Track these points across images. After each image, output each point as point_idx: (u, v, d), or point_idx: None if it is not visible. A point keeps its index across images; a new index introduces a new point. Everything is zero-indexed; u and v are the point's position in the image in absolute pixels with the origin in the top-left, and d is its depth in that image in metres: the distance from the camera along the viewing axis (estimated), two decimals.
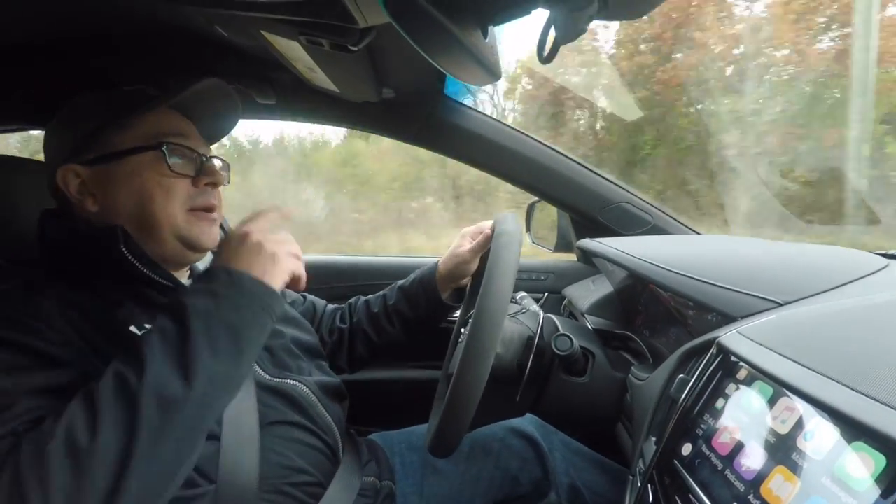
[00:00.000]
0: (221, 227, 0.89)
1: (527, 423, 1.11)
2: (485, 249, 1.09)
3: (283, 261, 0.75)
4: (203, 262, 0.94)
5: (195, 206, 0.82)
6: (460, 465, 1.03)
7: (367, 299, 1.22)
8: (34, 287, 0.71)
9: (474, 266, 1.13)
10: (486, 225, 1.10)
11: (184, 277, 0.90)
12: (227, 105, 0.92)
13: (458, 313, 1.18)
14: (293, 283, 0.79)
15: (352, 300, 1.25)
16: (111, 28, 0.94)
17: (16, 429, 0.57)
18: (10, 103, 1.13)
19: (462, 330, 1.06)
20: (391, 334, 1.17)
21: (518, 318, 1.05)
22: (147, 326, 0.75)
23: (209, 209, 0.84)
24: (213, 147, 0.92)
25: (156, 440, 0.57)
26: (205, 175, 0.84)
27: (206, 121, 0.90)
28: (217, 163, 0.88)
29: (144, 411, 0.57)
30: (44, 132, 0.86)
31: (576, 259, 1.69)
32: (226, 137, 1.00)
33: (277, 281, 0.73)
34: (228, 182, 0.94)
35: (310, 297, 1.24)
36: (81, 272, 0.77)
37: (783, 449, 0.51)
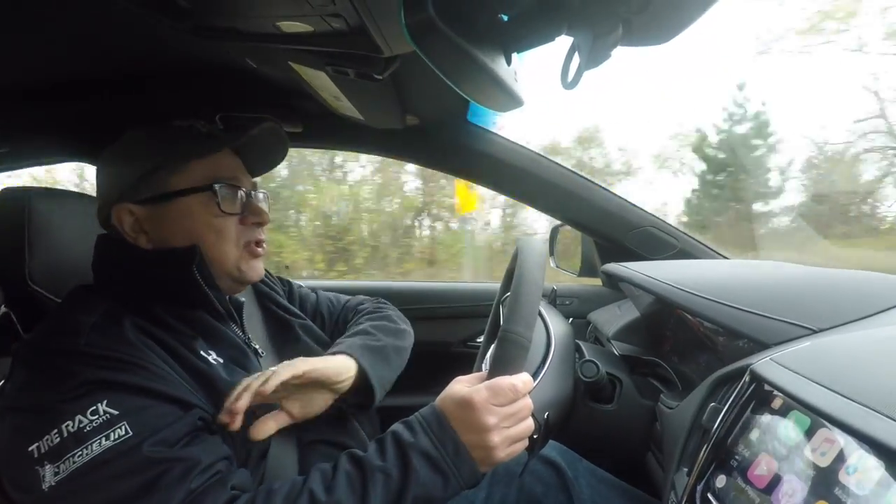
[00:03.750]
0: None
1: (550, 448, 1.08)
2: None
3: (501, 454, 0.69)
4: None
5: (247, 242, 0.85)
6: (483, 490, 1.01)
7: None
8: (117, 318, 0.72)
9: None
10: None
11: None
12: (279, 146, 0.94)
13: (480, 339, 1.16)
14: None
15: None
16: (146, 64, 0.98)
17: (193, 488, 0.62)
18: (61, 138, 1.18)
19: (486, 358, 1.05)
20: None
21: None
22: (210, 353, 0.78)
23: (259, 244, 0.87)
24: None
25: None
26: (251, 215, 0.85)
27: (257, 159, 0.93)
28: (260, 196, 0.90)
29: None
30: (95, 167, 0.87)
31: (601, 284, 1.67)
32: None
33: (486, 469, 0.69)
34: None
35: (321, 295, 1.18)
36: (143, 297, 0.78)
37: (824, 483, 0.49)
